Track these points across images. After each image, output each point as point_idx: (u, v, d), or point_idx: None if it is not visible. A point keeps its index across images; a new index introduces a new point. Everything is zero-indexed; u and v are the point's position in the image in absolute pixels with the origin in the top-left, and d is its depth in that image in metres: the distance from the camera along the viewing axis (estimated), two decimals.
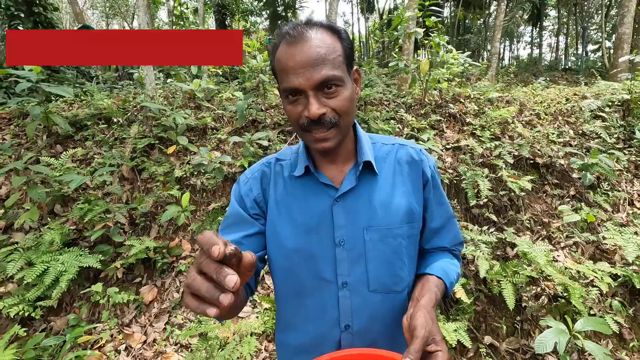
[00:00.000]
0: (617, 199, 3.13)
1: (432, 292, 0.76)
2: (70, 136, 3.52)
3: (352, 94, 0.74)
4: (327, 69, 0.68)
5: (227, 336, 2.17)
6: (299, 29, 0.70)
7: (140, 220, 2.88)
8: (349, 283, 0.80)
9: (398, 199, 0.82)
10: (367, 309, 0.80)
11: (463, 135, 3.43)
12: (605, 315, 2.40)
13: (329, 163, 0.84)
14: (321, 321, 0.82)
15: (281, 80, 0.72)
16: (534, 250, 2.44)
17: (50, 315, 2.46)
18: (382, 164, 0.85)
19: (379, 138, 0.90)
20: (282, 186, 0.85)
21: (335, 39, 0.72)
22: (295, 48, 0.68)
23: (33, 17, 7.17)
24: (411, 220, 0.83)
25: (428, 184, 0.86)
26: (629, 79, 3.88)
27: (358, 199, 0.81)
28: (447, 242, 0.92)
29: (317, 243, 0.80)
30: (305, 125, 0.72)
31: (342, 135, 0.75)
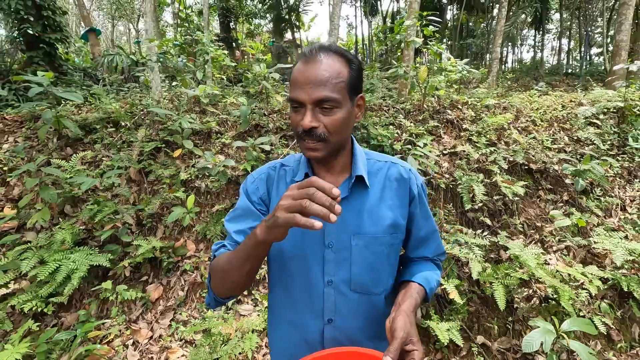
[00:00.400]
0: (610, 205, 3.21)
1: (412, 297, 0.85)
2: (79, 139, 3.65)
3: (347, 116, 0.84)
4: (327, 90, 0.78)
5: (230, 332, 2.28)
6: (314, 52, 0.82)
7: (147, 221, 3.00)
8: (334, 282, 0.89)
9: (385, 211, 0.91)
10: (348, 306, 0.90)
11: (460, 141, 3.53)
12: (593, 317, 2.48)
13: (326, 173, 0.93)
14: (307, 313, 0.91)
15: (290, 91, 0.84)
16: (525, 253, 2.54)
17: (61, 311, 2.58)
18: (374, 178, 0.94)
19: (374, 155, 1.01)
20: (284, 189, 0.95)
21: (344, 66, 0.82)
22: (306, 66, 0.80)
23: (42, 21, 7.32)
24: (395, 232, 0.92)
25: (414, 200, 0.96)
26: (624, 87, 3.96)
27: (349, 208, 0.89)
28: (430, 252, 1.03)
29: (309, 243, 0.89)
30: (300, 133, 0.82)
31: (330, 149, 0.84)
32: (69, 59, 9.73)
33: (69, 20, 20.33)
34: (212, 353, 2.13)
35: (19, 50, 8.05)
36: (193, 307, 2.64)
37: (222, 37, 13.91)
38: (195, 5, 16.79)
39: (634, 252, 2.62)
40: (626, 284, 2.53)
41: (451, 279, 2.57)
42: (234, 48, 14.40)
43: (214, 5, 14.12)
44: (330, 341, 0.90)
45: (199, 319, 2.49)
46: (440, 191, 3.18)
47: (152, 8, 5.13)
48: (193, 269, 2.79)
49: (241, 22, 16.76)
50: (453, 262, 2.70)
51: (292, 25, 15.53)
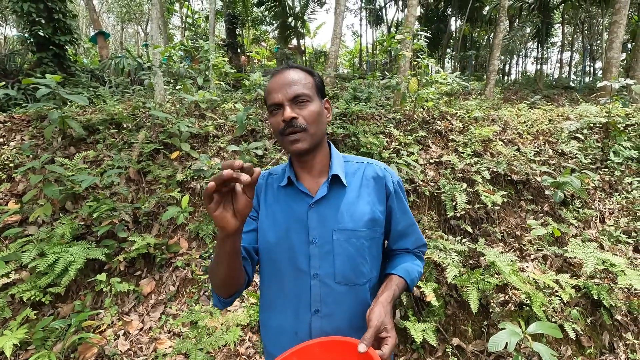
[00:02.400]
0: (588, 216, 3.32)
1: (391, 289, 0.94)
2: (83, 139, 3.82)
3: (320, 110, 0.96)
4: (298, 87, 0.93)
5: (215, 326, 2.41)
6: (282, 68, 0.98)
7: (143, 219, 3.14)
8: (319, 275, 0.96)
9: (362, 207, 1.00)
10: (333, 297, 0.96)
11: (446, 151, 3.66)
12: (564, 323, 2.59)
13: (307, 175, 1.03)
14: (296, 304, 0.98)
15: (267, 100, 0.96)
16: (500, 260, 2.65)
17: (58, 302, 2.72)
18: (352, 178, 1.04)
19: (352, 158, 1.10)
20: (271, 194, 1.06)
21: (308, 75, 0.98)
22: (278, 76, 0.95)
23: (53, 23, 7.56)
24: (373, 226, 1.00)
25: (391, 196, 1.04)
26: (609, 103, 4.09)
27: (329, 206, 0.98)
28: (410, 244, 1.10)
29: (295, 240, 0.98)
30: (282, 129, 0.92)
31: (311, 139, 0.94)
32: (77, 61, 9.99)
33: (79, 22, 20.76)
34: (198, 344, 2.26)
35: (29, 51, 8.31)
36: (183, 301, 2.77)
37: (228, 42, 14.19)
38: (203, 12, 17.11)
39: (605, 262, 2.73)
40: (596, 293, 2.64)
41: (429, 282, 2.69)
42: (240, 53, 14.66)
43: (221, 11, 14.43)
44: (318, 332, 0.96)
45: (187, 312, 2.62)
46: (425, 199, 3.31)
47: (159, 15, 5.34)
48: (185, 266, 2.93)
49: (247, 28, 17.07)
50: (432, 266, 2.82)
51: (298, 33, 15.81)
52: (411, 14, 5.15)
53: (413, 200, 3.26)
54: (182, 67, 4.43)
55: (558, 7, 14.14)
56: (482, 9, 15.66)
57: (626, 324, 2.73)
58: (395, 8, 19.25)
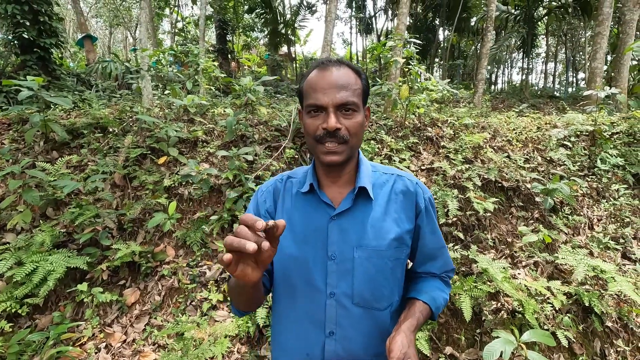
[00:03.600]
0: (578, 223, 3.35)
1: (414, 317, 0.86)
2: (66, 143, 3.70)
3: (363, 122, 0.88)
4: (348, 94, 0.83)
5: (202, 337, 2.32)
6: (332, 62, 0.87)
7: (128, 226, 3.04)
8: (336, 294, 0.88)
9: (389, 224, 0.90)
10: (350, 319, 0.88)
11: (438, 158, 3.67)
12: (557, 331, 2.58)
13: (331, 184, 0.94)
14: (309, 324, 0.90)
15: (308, 98, 0.86)
16: (492, 267, 2.64)
17: (36, 313, 2.59)
18: (379, 191, 0.94)
19: (380, 167, 1.00)
20: (289, 200, 0.97)
21: (358, 77, 0.88)
22: (325, 73, 0.84)
23: (38, 26, 7.41)
24: (399, 246, 0.91)
25: (421, 214, 0.95)
26: (595, 111, 4.18)
27: (352, 220, 0.90)
28: (437, 268, 1.01)
29: (312, 254, 0.89)
30: (320, 136, 0.83)
31: (349, 152, 0.86)
32: (63, 64, 9.79)
33: (67, 26, 20.45)
34: (184, 357, 2.17)
35: (12, 53, 8.11)
36: (168, 312, 2.67)
37: (219, 48, 14.14)
38: (193, 17, 17.06)
39: (596, 269, 2.74)
40: (587, 299, 2.64)
41: None
42: (230, 59, 14.62)
43: (212, 17, 14.40)
44: (331, 355, 0.88)
45: (173, 323, 2.52)
46: None
47: (148, 18, 5.27)
48: (171, 275, 2.83)
49: (238, 34, 17.06)
50: None
51: (288, 40, 15.86)
52: (402, 22, 5.20)
53: None
54: (171, 70, 4.35)
55: (542, 19, 14.54)
56: (469, 19, 16.01)
57: (617, 330, 2.73)
58: (385, 17, 19.53)
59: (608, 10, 5.98)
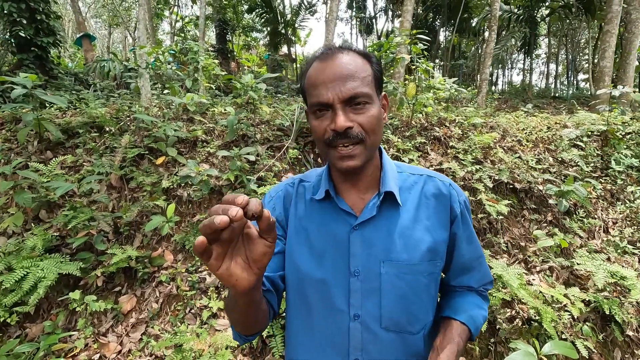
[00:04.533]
0: (592, 226, 3.22)
1: (454, 342, 0.74)
2: (61, 143, 3.57)
3: (380, 114, 0.74)
4: (356, 84, 0.69)
5: (202, 348, 2.18)
6: (333, 49, 0.73)
7: (124, 229, 2.91)
8: (361, 316, 0.77)
9: (420, 233, 0.79)
10: (377, 345, 0.77)
11: (446, 158, 3.54)
12: (575, 340, 2.45)
13: (351, 188, 0.82)
14: (329, 349, 0.79)
15: (310, 96, 0.73)
16: (508, 273, 2.51)
17: (27, 322, 2.45)
18: (407, 194, 0.82)
19: (406, 167, 0.88)
20: (302, 208, 0.85)
21: (366, 62, 0.74)
22: (327, 63, 0.70)
23: (35, 24, 7.29)
24: (433, 258, 0.79)
25: (457, 220, 0.82)
26: (607, 111, 4.06)
27: (377, 230, 0.78)
28: (474, 281, 0.89)
29: (331, 270, 0.78)
30: (330, 139, 0.71)
31: (368, 153, 0.73)
32: (60, 63, 9.66)
33: (66, 26, 20.34)
34: None
35: (9, 52, 7.98)
36: (166, 320, 2.53)
37: (218, 47, 14.03)
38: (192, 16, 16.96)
39: (615, 275, 2.61)
40: (608, 307, 2.51)
41: None
42: (230, 59, 14.50)
43: (212, 16, 14.29)
44: None
45: (171, 333, 2.38)
46: None
47: (146, 16, 5.14)
48: (169, 281, 2.70)
49: (238, 34, 16.95)
50: None
51: (289, 40, 15.75)
52: (406, 20, 5.08)
53: None
54: (170, 68, 4.23)
55: (544, 19, 14.45)
56: (470, 19, 15.92)
57: (638, 340, 2.61)
58: (385, 18, 19.46)
59: (617, 7, 5.87)
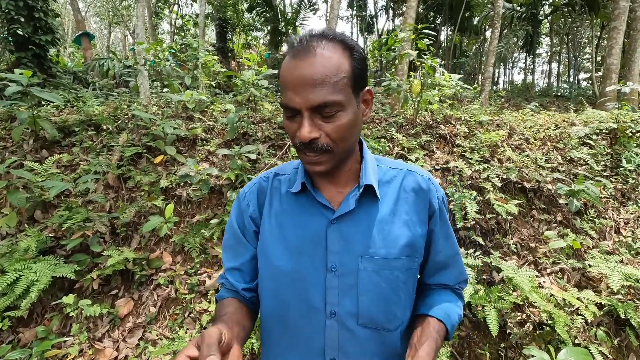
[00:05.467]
0: (604, 226, 3.13)
1: (432, 339, 0.72)
2: (57, 141, 3.48)
3: (354, 118, 0.69)
4: (326, 91, 0.63)
5: None
6: (306, 42, 0.65)
7: (121, 230, 2.82)
8: (338, 313, 0.75)
9: (399, 228, 0.77)
10: (354, 343, 0.76)
11: (452, 157, 3.45)
12: (589, 345, 2.36)
13: (328, 183, 0.80)
14: (305, 351, 0.77)
15: (281, 94, 0.69)
16: (519, 275, 2.42)
17: (19, 327, 2.37)
18: (386, 188, 0.80)
19: (386, 162, 0.86)
20: (277, 202, 0.82)
21: (345, 55, 0.67)
22: (297, 62, 0.64)
23: (33, 22, 7.20)
24: (411, 253, 0.78)
25: (435, 215, 0.82)
26: (617, 108, 3.97)
27: (355, 224, 0.76)
28: (451, 279, 0.88)
29: (308, 266, 0.76)
30: (298, 145, 0.69)
31: (336, 161, 0.71)
32: (59, 62, 9.57)
33: (65, 25, 20.26)
34: None
35: (7, 50, 7.89)
36: (165, 324, 2.44)
37: (218, 46, 13.93)
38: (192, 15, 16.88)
39: (630, 277, 2.52)
40: (623, 311, 2.42)
41: None
42: (230, 58, 14.41)
43: (212, 15, 14.20)
44: None
45: (170, 338, 2.29)
46: None
47: (145, 12, 5.05)
48: (168, 283, 2.61)
49: (238, 33, 16.86)
50: None
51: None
52: (410, 16, 4.98)
53: None
54: (169, 64, 4.13)
55: (547, 17, 14.35)
56: (472, 18, 15.81)
57: None
58: (386, 17, 19.35)
59: (625, 4, 5.77)
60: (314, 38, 0.66)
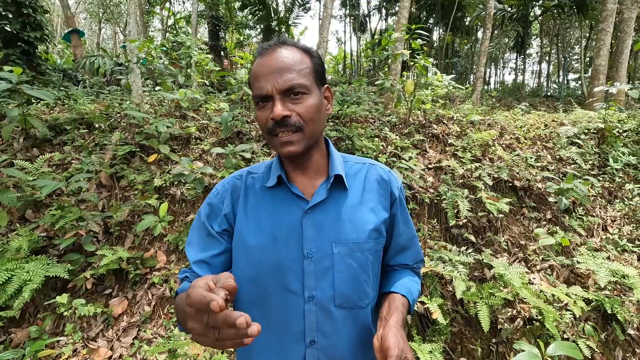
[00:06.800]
0: (592, 224, 3.20)
1: (399, 311, 0.80)
2: (48, 140, 3.44)
3: (319, 104, 0.78)
4: (293, 75, 0.74)
5: (197, 353, 2.10)
6: (272, 45, 0.78)
7: (114, 229, 2.80)
8: (316, 297, 0.80)
9: (366, 214, 0.85)
10: (332, 324, 0.81)
11: (445, 156, 3.49)
12: (577, 340, 2.42)
13: (301, 176, 0.86)
14: (285, 335, 0.81)
15: (253, 89, 0.77)
16: (510, 272, 2.47)
17: (12, 327, 2.34)
18: (353, 180, 0.88)
19: (351, 157, 0.95)
20: (253, 198, 0.87)
21: (305, 55, 0.79)
22: (266, 57, 0.76)
23: (22, 18, 7.07)
24: (378, 237, 0.86)
25: (395, 203, 0.91)
26: (604, 109, 4.06)
27: (327, 212, 0.83)
28: (410, 259, 0.98)
29: (285, 254, 0.80)
30: (271, 128, 0.75)
31: (307, 141, 0.77)
32: (48, 59, 9.42)
33: (53, 21, 19.91)
34: None
35: None
36: (159, 324, 2.44)
37: (211, 45, 13.83)
38: (185, 12, 16.73)
39: (616, 274, 2.59)
40: (610, 306, 2.49)
41: (434, 297, 2.47)
42: (222, 57, 14.32)
43: (204, 13, 14.09)
44: None
45: (165, 337, 2.29)
46: (424, 206, 3.11)
47: (137, 10, 5.00)
48: (162, 282, 2.60)
49: (231, 31, 16.76)
50: (436, 280, 2.60)
51: None
52: (403, 16, 5.02)
53: (412, 208, 3.05)
54: (162, 62, 4.10)
55: (537, 18, 14.54)
56: (464, 18, 15.93)
57: (639, 338, 2.59)
58: (379, 16, 19.40)
59: (612, 6, 5.88)
60: (278, 43, 0.78)
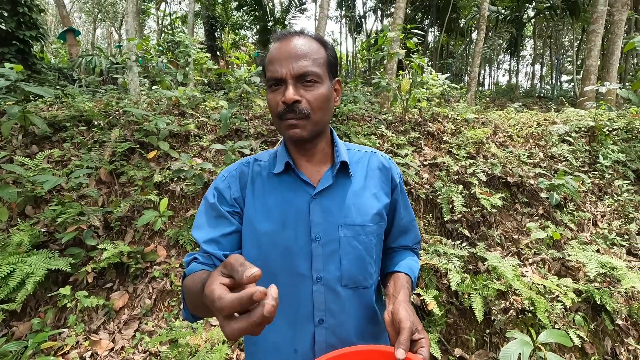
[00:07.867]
0: (582, 219, 3.29)
1: (405, 288, 0.85)
2: (47, 137, 3.46)
3: (329, 94, 0.81)
4: (308, 63, 0.77)
5: (199, 344, 2.14)
6: (291, 32, 0.82)
7: (115, 224, 2.83)
8: (323, 278, 0.83)
9: (369, 200, 0.89)
10: (339, 303, 0.84)
11: (440, 153, 3.56)
12: (568, 330, 2.50)
13: (306, 162, 0.89)
14: (295, 316, 0.84)
15: (267, 71, 0.80)
16: (503, 265, 2.54)
17: (14, 320, 2.37)
18: (356, 167, 0.92)
19: (353, 146, 0.99)
20: (260, 184, 0.89)
21: (321, 47, 0.82)
22: (283, 43, 0.79)
23: (17, 17, 7.05)
24: (380, 221, 0.90)
25: (396, 189, 0.96)
26: (595, 108, 4.16)
27: (334, 198, 0.86)
28: (410, 241, 1.03)
29: (293, 238, 0.84)
30: (282, 112, 0.78)
31: (313, 128, 0.81)
32: (44, 58, 9.38)
33: (48, 20, 19.78)
34: None
35: None
36: (160, 316, 2.48)
37: (207, 45, 13.83)
38: (180, 12, 16.71)
39: (605, 266, 2.67)
40: (599, 297, 2.57)
41: (430, 289, 2.54)
42: (219, 57, 14.33)
43: (200, 13, 14.09)
44: (322, 345, 0.83)
45: (166, 329, 2.33)
46: (420, 201, 3.18)
47: (134, 9, 5.03)
48: (162, 276, 2.64)
49: (227, 31, 16.77)
50: (432, 273, 2.67)
51: None
52: (398, 16, 5.10)
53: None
54: (160, 61, 4.13)
55: (530, 20, 14.74)
56: (458, 20, 16.10)
57: (627, 328, 2.67)
58: (374, 17, 19.53)
59: (602, 8, 6.01)
60: (296, 32, 0.82)
